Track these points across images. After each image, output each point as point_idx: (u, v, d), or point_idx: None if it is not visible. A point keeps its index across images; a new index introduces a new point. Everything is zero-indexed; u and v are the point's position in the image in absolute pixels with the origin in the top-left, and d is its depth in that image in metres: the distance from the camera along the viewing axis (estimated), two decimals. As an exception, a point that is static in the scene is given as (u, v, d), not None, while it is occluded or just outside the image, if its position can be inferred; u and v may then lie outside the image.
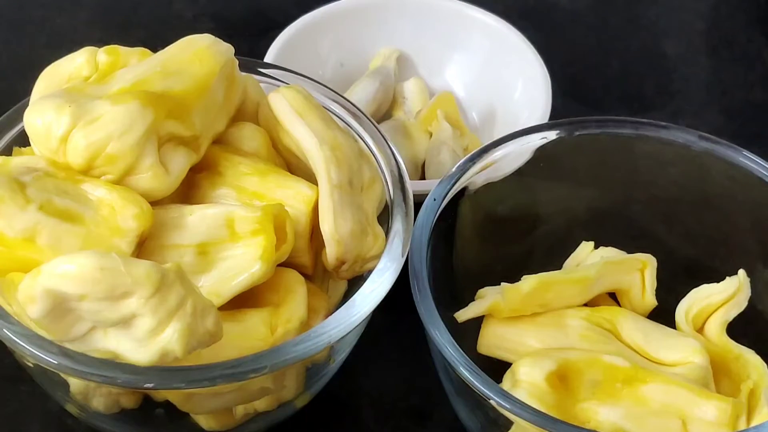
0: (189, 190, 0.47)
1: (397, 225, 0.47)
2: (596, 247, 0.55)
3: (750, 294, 0.53)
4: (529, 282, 0.50)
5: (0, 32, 0.75)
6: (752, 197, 0.53)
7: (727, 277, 0.53)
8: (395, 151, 0.51)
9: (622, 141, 0.54)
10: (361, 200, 0.47)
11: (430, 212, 0.49)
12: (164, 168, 0.44)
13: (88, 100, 0.42)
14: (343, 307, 0.44)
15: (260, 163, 0.47)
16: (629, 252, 0.54)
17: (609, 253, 0.55)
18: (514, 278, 0.50)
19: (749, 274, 0.53)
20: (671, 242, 0.56)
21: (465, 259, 0.54)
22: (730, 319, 0.53)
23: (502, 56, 0.69)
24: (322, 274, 0.49)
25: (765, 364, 0.52)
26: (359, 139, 0.51)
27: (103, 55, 0.47)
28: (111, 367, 0.39)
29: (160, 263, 0.38)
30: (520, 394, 0.45)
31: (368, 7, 0.70)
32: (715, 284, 0.54)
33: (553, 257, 0.55)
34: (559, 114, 0.61)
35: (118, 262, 0.37)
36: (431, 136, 0.66)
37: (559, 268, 0.55)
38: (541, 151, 0.54)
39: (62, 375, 0.45)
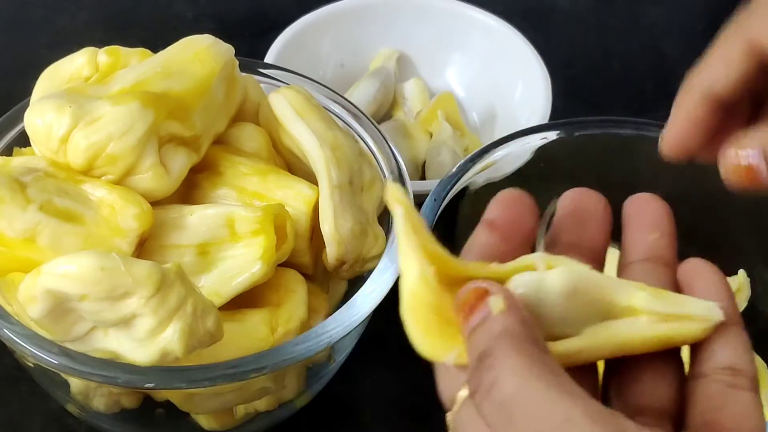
0: (189, 190, 0.47)
1: (398, 225, 0.47)
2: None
3: (750, 294, 0.53)
4: None
5: (0, 32, 0.75)
6: (753, 197, 0.53)
7: (727, 278, 0.53)
8: (395, 152, 0.51)
9: (622, 141, 0.54)
10: (362, 200, 0.47)
11: (430, 212, 0.49)
12: (165, 168, 0.44)
13: (89, 101, 0.42)
14: (343, 307, 0.44)
15: (260, 164, 0.47)
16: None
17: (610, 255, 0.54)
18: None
19: (749, 274, 0.53)
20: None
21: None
22: (731, 319, 0.53)
23: (502, 56, 0.69)
24: (323, 274, 0.49)
25: (765, 364, 0.52)
26: (359, 139, 0.51)
27: (103, 55, 0.47)
28: (111, 367, 0.39)
29: (160, 263, 0.38)
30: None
31: (368, 8, 0.70)
32: (715, 284, 0.53)
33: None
34: (559, 114, 0.61)
35: (119, 262, 0.37)
36: (431, 136, 0.66)
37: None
38: (542, 152, 0.54)
39: (63, 375, 0.45)
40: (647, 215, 0.34)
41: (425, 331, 0.28)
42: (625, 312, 0.30)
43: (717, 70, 0.37)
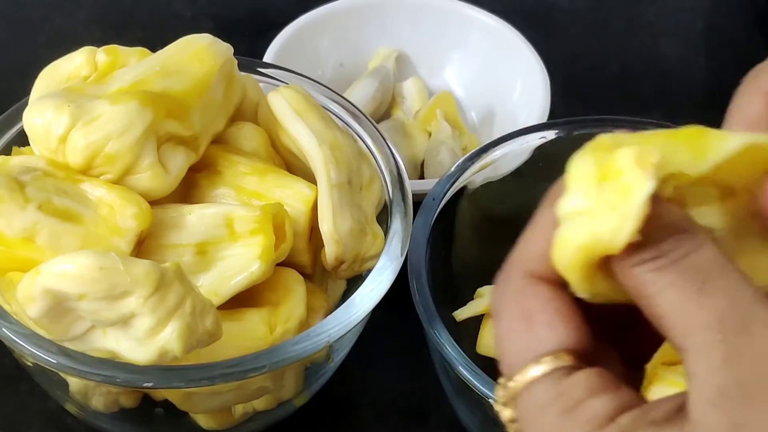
0: (188, 190, 0.47)
1: (396, 224, 0.47)
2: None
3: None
4: None
5: (0, 32, 0.75)
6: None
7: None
8: (394, 151, 0.51)
9: (621, 141, 0.54)
10: (360, 200, 0.47)
11: (429, 211, 0.49)
12: (163, 168, 0.44)
13: (88, 100, 0.42)
14: (342, 306, 0.44)
15: (259, 163, 0.47)
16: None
17: None
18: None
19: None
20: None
21: (464, 258, 0.54)
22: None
23: (502, 56, 0.69)
24: (322, 274, 0.49)
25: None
26: (358, 138, 0.51)
27: (102, 54, 0.47)
28: (110, 366, 0.40)
29: (159, 263, 0.38)
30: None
31: (368, 7, 0.70)
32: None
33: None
34: (558, 114, 0.61)
35: (117, 261, 0.37)
36: (430, 135, 0.66)
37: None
38: (540, 151, 0.54)
39: (61, 374, 0.45)
40: None
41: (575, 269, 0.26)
42: None
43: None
